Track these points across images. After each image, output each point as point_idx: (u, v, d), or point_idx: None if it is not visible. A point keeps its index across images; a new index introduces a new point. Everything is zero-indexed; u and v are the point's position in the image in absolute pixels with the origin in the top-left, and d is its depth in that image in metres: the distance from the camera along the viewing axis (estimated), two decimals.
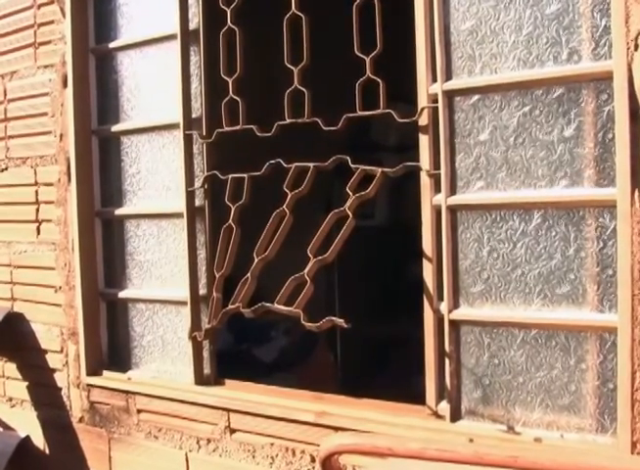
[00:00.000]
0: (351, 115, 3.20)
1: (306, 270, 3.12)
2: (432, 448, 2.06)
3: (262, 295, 3.32)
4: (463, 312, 3.03)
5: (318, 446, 3.10)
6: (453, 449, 2.06)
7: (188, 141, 3.78)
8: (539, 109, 2.83)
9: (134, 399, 4.03)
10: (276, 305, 3.14)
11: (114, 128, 4.13)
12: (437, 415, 3.10)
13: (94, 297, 4.20)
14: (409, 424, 3.10)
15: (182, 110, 3.76)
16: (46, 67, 4.29)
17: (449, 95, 3.01)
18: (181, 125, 3.77)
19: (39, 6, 4.31)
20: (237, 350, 5.12)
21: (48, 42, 4.28)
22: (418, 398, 3.18)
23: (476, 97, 2.97)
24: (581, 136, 2.75)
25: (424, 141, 3.08)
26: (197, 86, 3.79)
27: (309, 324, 3.00)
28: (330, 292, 6.27)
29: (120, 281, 4.18)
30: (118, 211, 4.14)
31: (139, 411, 4.03)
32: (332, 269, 6.21)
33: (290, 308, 3.08)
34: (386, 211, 6.36)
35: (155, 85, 3.97)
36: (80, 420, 4.27)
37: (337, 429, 3.19)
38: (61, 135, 4.22)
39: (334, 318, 2.97)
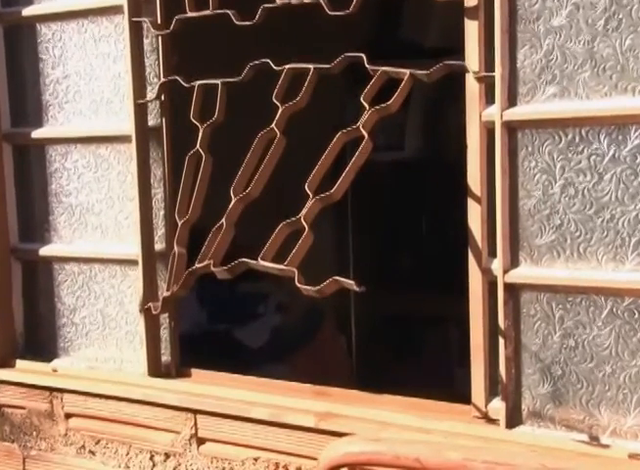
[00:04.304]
0: None
1: (303, 213, 3.08)
2: (478, 461, 2.03)
3: (243, 251, 3.29)
4: (524, 273, 3.00)
5: None
6: (509, 462, 2.03)
7: (136, 32, 3.74)
8: None
9: (61, 399, 4.05)
10: (261, 262, 3.11)
11: (27, 12, 4.09)
12: (488, 418, 3.10)
13: (3, 255, 4.22)
14: (448, 430, 3.10)
15: None
16: None
17: None
18: (125, 8, 3.73)
19: None
20: (212, 331, 5.17)
21: None
22: (461, 394, 3.19)
23: None
24: None
25: (471, 30, 3.03)
26: None
27: (306, 287, 2.97)
28: (341, 251, 6.29)
29: (42, 233, 4.18)
30: (37, 134, 4.12)
31: (68, 416, 4.05)
32: (344, 219, 6.24)
33: (280, 266, 3.04)
34: (418, 140, 6.38)
35: None
36: None
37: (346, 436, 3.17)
38: None
39: (341, 279, 2.94)
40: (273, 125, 3.28)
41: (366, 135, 3.06)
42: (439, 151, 6.07)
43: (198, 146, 3.46)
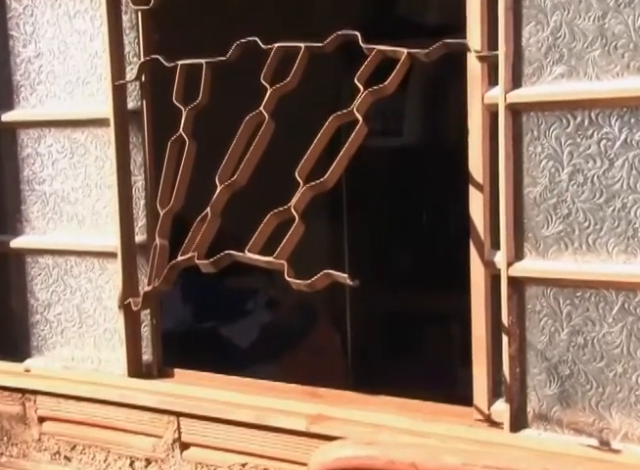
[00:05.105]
0: None
1: (293, 202, 3.08)
2: (478, 466, 2.03)
3: (230, 243, 3.29)
4: (529, 266, 3.00)
5: None
6: (511, 467, 2.03)
7: (114, 7, 3.74)
8: None
9: (34, 401, 4.05)
10: (248, 255, 3.10)
11: None
12: (491, 421, 3.10)
13: None
14: (447, 434, 3.09)
15: None
16: None
17: None
18: None
19: None
20: (197, 329, 5.17)
21: None
22: (462, 396, 3.19)
23: None
24: None
25: (473, 6, 3.02)
26: None
27: (297, 281, 2.97)
28: (336, 244, 6.29)
29: (13, 224, 4.17)
30: (7, 117, 4.11)
31: (42, 420, 4.05)
32: (339, 210, 6.23)
33: (268, 259, 3.04)
34: (418, 126, 6.38)
35: None
36: None
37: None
38: None
39: (333, 272, 2.93)
40: (261, 108, 3.27)
41: (360, 119, 3.05)
42: (441, 136, 6.06)
43: (181, 130, 3.46)
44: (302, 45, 3.25)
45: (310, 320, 5.38)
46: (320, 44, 3.25)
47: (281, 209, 3.11)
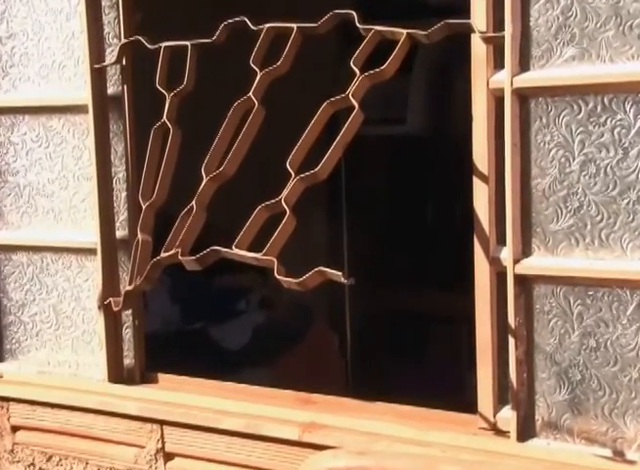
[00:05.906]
0: None
1: (284, 194, 3.07)
2: None
3: (217, 238, 3.29)
4: (538, 263, 3.00)
5: None
6: None
7: None
8: None
9: (7, 409, 4.06)
10: (235, 251, 3.09)
11: None
12: (497, 430, 3.09)
13: None
14: (449, 443, 3.09)
15: None
16: None
17: None
18: None
19: None
20: (185, 330, 5.17)
21: None
22: (465, 402, 3.19)
23: None
24: None
25: None
26: None
27: (287, 279, 2.96)
28: (334, 240, 6.29)
29: None
30: None
31: (15, 429, 4.06)
32: (338, 203, 6.23)
33: (257, 255, 3.03)
34: (422, 113, 6.37)
35: None
36: None
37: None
38: None
39: (326, 270, 2.92)
40: (250, 94, 3.27)
41: (356, 105, 3.04)
42: (446, 124, 6.05)
43: (164, 117, 3.46)
44: (295, 26, 3.24)
45: (306, 321, 5.38)
46: (313, 25, 3.24)
47: (271, 202, 3.10)
